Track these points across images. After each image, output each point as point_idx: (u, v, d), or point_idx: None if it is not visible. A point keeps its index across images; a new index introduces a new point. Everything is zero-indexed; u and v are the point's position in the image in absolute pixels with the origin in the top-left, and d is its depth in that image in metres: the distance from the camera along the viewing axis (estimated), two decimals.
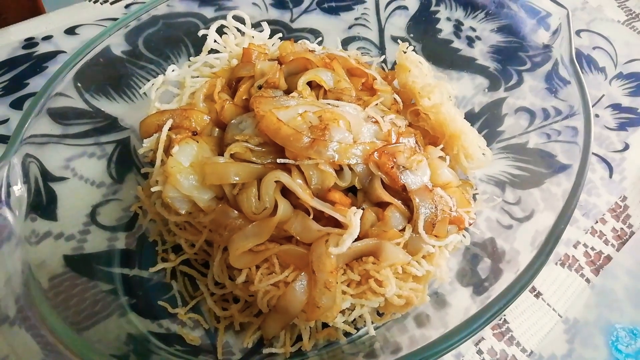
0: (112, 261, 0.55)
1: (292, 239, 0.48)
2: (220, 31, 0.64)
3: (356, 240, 0.46)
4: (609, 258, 0.64)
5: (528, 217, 0.56)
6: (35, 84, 0.73)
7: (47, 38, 0.78)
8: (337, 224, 0.47)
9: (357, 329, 0.52)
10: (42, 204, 0.50)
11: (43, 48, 0.77)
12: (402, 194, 0.50)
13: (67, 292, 0.48)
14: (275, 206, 0.47)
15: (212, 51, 0.64)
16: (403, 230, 0.49)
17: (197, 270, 0.56)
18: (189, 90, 0.59)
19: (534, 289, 0.61)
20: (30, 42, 0.77)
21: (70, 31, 0.79)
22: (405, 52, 0.64)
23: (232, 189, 0.49)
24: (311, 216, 0.48)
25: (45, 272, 0.47)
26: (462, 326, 0.41)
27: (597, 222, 0.68)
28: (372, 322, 0.50)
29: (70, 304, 0.47)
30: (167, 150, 0.52)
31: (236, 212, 0.49)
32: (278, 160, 0.48)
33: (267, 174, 0.48)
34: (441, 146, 0.59)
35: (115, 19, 0.82)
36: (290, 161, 0.48)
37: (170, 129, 0.53)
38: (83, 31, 0.80)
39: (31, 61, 0.75)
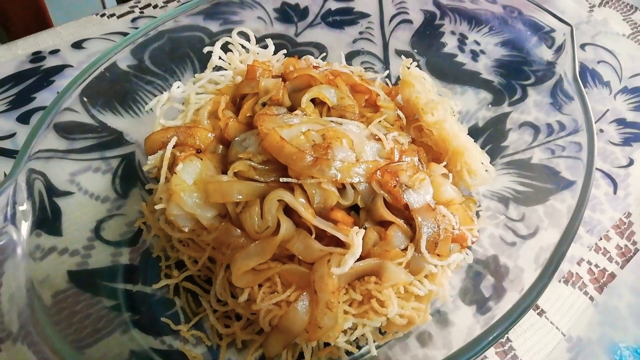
0: (115, 276, 0.55)
1: (295, 258, 0.48)
2: (225, 47, 0.65)
3: (358, 259, 0.46)
4: (612, 275, 0.64)
5: (532, 234, 0.55)
6: (42, 98, 0.73)
7: (55, 52, 0.79)
8: (339, 243, 0.47)
9: (359, 348, 0.52)
10: (47, 219, 0.50)
11: (50, 62, 0.77)
12: (405, 212, 0.50)
13: (70, 308, 0.48)
14: (278, 225, 0.47)
15: (217, 68, 0.64)
16: (405, 249, 0.49)
17: (200, 287, 0.56)
18: (194, 107, 0.59)
19: (537, 306, 0.60)
20: (37, 56, 0.78)
21: (78, 45, 0.80)
22: (408, 68, 0.64)
23: (235, 207, 0.49)
24: (313, 235, 0.48)
25: (49, 288, 0.47)
26: (465, 349, 0.41)
27: (601, 238, 0.67)
28: (374, 341, 0.50)
29: (74, 320, 0.47)
30: (172, 168, 0.52)
31: (239, 230, 0.49)
32: (281, 179, 0.48)
33: (269, 193, 0.48)
34: (444, 163, 0.59)
35: (122, 33, 0.83)
36: (293, 180, 0.48)
37: (174, 146, 0.54)
38: (90, 45, 0.80)
39: (38, 75, 0.76)
